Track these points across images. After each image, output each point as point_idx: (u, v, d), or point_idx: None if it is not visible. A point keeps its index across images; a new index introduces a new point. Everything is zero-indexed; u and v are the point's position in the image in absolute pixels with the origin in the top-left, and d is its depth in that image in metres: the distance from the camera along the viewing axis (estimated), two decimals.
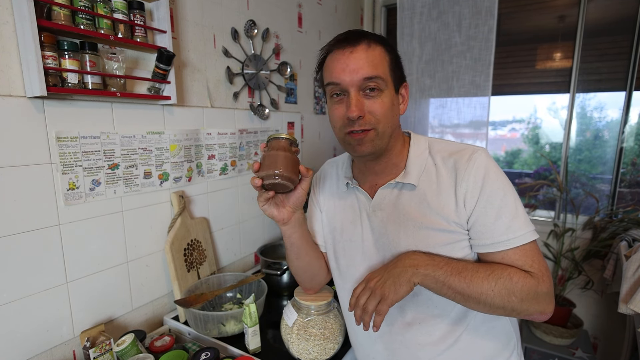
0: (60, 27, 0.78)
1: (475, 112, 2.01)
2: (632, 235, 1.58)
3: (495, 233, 0.65)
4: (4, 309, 0.78)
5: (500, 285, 0.62)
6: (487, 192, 0.65)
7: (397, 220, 0.71)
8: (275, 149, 0.67)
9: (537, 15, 1.94)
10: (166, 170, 1.10)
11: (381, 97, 0.67)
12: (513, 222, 0.64)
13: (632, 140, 1.83)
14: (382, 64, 0.66)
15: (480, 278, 0.62)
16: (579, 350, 1.75)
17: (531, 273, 0.63)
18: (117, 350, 0.83)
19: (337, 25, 2.05)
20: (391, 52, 0.69)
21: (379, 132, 0.68)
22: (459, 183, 0.67)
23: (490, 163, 0.67)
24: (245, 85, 1.40)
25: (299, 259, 0.83)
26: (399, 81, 0.71)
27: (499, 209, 0.64)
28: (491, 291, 0.62)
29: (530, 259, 0.64)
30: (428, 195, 0.69)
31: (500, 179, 0.66)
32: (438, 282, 0.63)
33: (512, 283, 0.62)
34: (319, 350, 0.86)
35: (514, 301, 0.62)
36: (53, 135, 0.83)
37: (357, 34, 0.68)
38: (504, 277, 0.62)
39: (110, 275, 0.99)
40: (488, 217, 0.65)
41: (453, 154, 0.70)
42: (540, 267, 0.64)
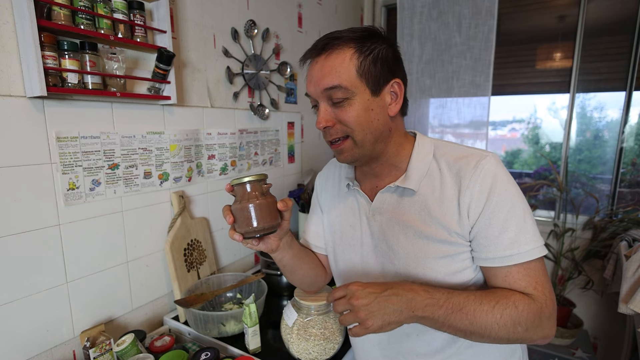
0: (60, 27, 0.78)
1: (475, 112, 2.01)
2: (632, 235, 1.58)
3: (499, 247, 0.61)
4: (4, 309, 0.78)
5: (506, 317, 0.58)
6: (494, 203, 0.61)
7: (396, 226, 0.68)
8: (246, 199, 0.60)
9: (537, 15, 1.94)
10: (166, 170, 1.10)
11: (350, 105, 0.63)
12: (519, 237, 0.60)
13: (632, 140, 1.83)
14: (346, 71, 0.61)
15: (485, 311, 0.58)
16: (579, 350, 1.75)
17: (533, 296, 0.60)
18: (117, 350, 0.83)
19: (337, 25, 2.05)
20: (365, 52, 0.62)
21: (356, 141, 0.65)
22: (463, 191, 0.62)
23: (500, 171, 0.62)
24: (245, 85, 1.40)
25: (293, 275, 0.81)
26: (380, 81, 0.63)
27: (505, 222, 0.60)
28: (496, 325, 0.58)
29: (535, 279, 0.60)
30: (429, 202, 0.65)
31: (510, 189, 0.61)
32: (437, 323, 0.59)
33: (518, 312, 0.58)
34: (319, 350, 0.86)
35: (520, 331, 0.58)
36: (53, 135, 0.83)
37: (324, 40, 0.64)
38: (509, 307, 0.58)
39: (110, 275, 0.99)
40: (492, 230, 0.61)
41: (459, 159, 0.65)
42: (544, 289, 0.60)
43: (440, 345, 0.70)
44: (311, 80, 0.65)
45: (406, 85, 0.69)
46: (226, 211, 0.62)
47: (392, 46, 0.66)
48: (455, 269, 0.65)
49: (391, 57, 0.64)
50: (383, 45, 0.64)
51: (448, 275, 0.65)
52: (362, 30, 0.64)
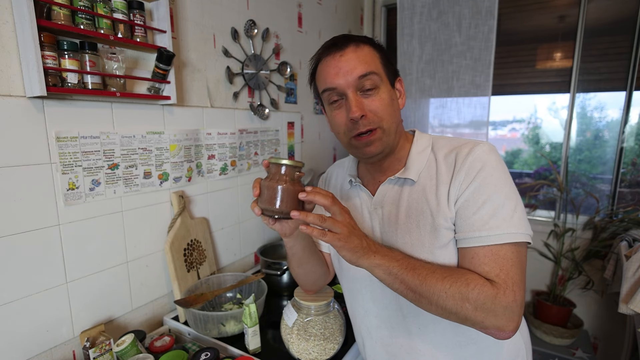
0: (60, 27, 0.78)
1: (476, 112, 2.01)
2: (632, 235, 1.58)
3: (471, 227, 0.61)
4: (4, 309, 0.78)
5: (455, 289, 0.57)
6: (475, 184, 0.62)
7: (397, 218, 0.70)
8: (276, 179, 0.62)
9: (537, 15, 1.94)
10: (166, 170, 1.10)
11: (379, 94, 0.67)
12: (493, 219, 0.59)
13: (632, 140, 1.83)
14: (373, 61, 0.67)
15: (435, 278, 0.59)
16: (579, 351, 1.75)
17: (494, 282, 0.58)
18: (117, 351, 0.83)
19: (337, 25, 2.05)
20: (379, 49, 0.70)
21: (385, 130, 0.67)
22: (454, 176, 0.64)
23: (491, 157, 0.63)
24: (245, 85, 1.40)
25: (300, 267, 0.82)
26: (392, 76, 0.71)
27: (482, 204, 0.60)
28: (444, 293, 0.58)
29: (499, 266, 0.58)
30: (427, 192, 0.67)
31: (497, 174, 0.62)
32: (391, 275, 0.60)
33: (468, 289, 0.57)
34: (319, 350, 0.86)
35: (468, 308, 0.57)
36: (53, 135, 0.83)
37: (344, 38, 0.68)
38: (460, 282, 0.58)
39: (110, 276, 0.99)
40: (468, 210, 0.61)
41: (455, 148, 0.68)
42: (508, 277, 0.58)
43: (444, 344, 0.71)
44: (338, 73, 0.66)
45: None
46: (256, 183, 0.64)
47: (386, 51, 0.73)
48: (452, 257, 0.65)
49: (392, 60, 0.72)
50: (385, 51, 0.72)
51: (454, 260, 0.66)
52: (362, 36, 0.71)
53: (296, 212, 0.56)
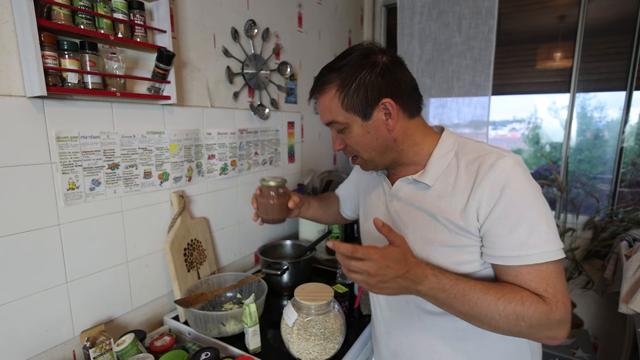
0: (60, 27, 0.78)
1: (476, 111, 2.01)
2: (632, 235, 1.58)
3: (508, 247, 0.61)
4: (4, 309, 0.78)
5: (510, 310, 0.59)
6: (504, 202, 0.61)
7: (409, 212, 0.73)
8: (265, 196, 0.88)
9: (537, 15, 1.94)
10: (166, 170, 1.10)
11: (349, 133, 0.72)
12: (530, 239, 0.60)
13: (633, 140, 1.83)
14: (333, 108, 0.71)
15: (488, 301, 0.60)
16: (579, 350, 1.75)
17: (544, 298, 0.60)
18: (117, 350, 0.83)
19: (337, 25, 2.05)
20: (347, 86, 0.68)
21: (364, 159, 0.76)
22: (474, 189, 0.64)
23: (516, 171, 0.63)
24: (245, 85, 1.40)
25: (315, 219, 1.08)
26: (367, 107, 0.69)
27: (516, 222, 0.61)
28: (497, 315, 0.59)
29: (546, 281, 0.60)
30: (441, 196, 0.68)
31: (524, 190, 0.62)
32: (438, 302, 0.63)
33: (524, 308, 0.58)
34: (319, 350, 0.86)
35: (522, 326, 0.59)
36: (53, 135, 0.83)
37: (316, 82, 0.73)
38: (515, 301, 0.59)
39: (110, 275, 0.99)
40: (503, 228, 0.61)
41: (478, 157, 0.67)
42: (557, 291, 0.60)
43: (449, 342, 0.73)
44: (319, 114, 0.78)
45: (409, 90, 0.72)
46: (253, 200, 0.92)
47: (379, 65, 0.68)
48: (459, 260, 0.67)
49: (375, 80, 0.67)
50: (367, 71, 0.67)
51: (451, 265, 0.67)
52: (350, 55, 0.69)
53: (330, 243, 0.61)
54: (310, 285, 0.95)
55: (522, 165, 0.65)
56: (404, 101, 0.71)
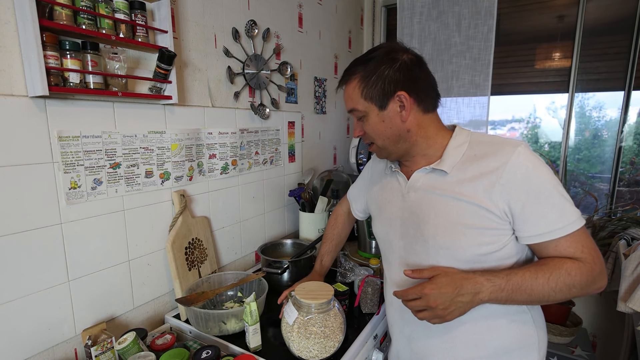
0: (62, 27, 0.78)
1: (475, 111, 2.02)
2: (630, 234, 1.59)
3: (551, 222, 0.68)
4: (6, 308, 0.79)
5: (561, 284, 0.66)
6: (535, 188, 0.68)
7: (429, 200, 0.78)
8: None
9: (536, 15, 1.94)
10: (167, 169, 1.11)
11: (367, 120, 0.80)
12: (564, 211, 0.68)
13: (631, 139, 1.84)
14: (355, 97, 0.79)
15: (541, 284, 0.67)
16: (578, 349, 1.76)
17: (582, 259, 0.68)
18: (119, 349, 0.84)
19: (338, 26, 2.06)
20: (366, 77, 0.76)
21: (379, 146, 0.82)
22: (501, 176, 0.69)
23: (532, 157, 0.70)
24: (246, 84, 1.41)
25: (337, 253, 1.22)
26: (384, 97, 0.76)
27: (550, 200, 0.68)
28: (553, 292, 0.67)
29: (581, 244, 0.68)
30: (462, 182, 0.74)
31: (545, 172, 0.69)
32: (500, 302, 0.70)
33: (572, 278, 0.66)
34: (319, 348, 0.87)
35: (575, 292, 0.67)
36: (55, 134, 0.83)
37: (343, 73, 0.82)
38: (563, 275, 0.66)
39: (112, 274, 0.99)
40: (542, 208, 0.68)
41: (493, 145, 0.73)
42: (590, 250, 0.68)
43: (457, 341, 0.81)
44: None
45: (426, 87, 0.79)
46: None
47: (398, 62, 0.75)
48: (482, 242, 0.72)
49: (393, 74, 0.75)
50: (387, 66, 0.75)
51: (475, 246, 0.73)
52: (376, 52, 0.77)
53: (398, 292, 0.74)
54: (310, 283, 0.95)
55: (531, 151, 0.72)
56: (419, 96, 0.77)
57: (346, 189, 1.84)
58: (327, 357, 0.89)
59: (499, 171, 0.70)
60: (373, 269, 1.23)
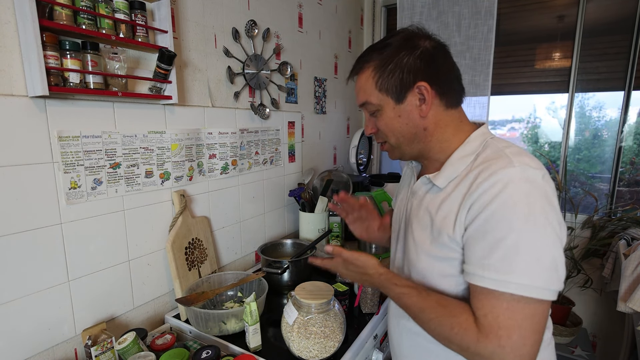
0: (62, 27, 0.78)
1: (475, 111, 2.02)
2: (630, 234, 1.59)
3: (473, 261, 0.57)
4: (6, 308, 0.79)
5: (439, 333, 0.60)
6: (488, 213, 0.55)
7: (417, 212, 0.71)
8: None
9: (536, 15, 1.94)
10: (167, 169, 1.11)
11: (380, 115, 0.70)
12: (497, 262, 0.53)
13: (631, 139, 1.84)
14: (368, 88, 0.69)
15: (421, 320, 0.63)
16: (578, 349, 1.76)
17: (480, 324, 0.54)
18: (119, 349, 0.84)
19: (338, 26, 2.06)
20: (383, 67, 0.66)
21: (392, 144, 0.73)
22: (467, 197, 0.59)
23: (519, 185, 0.54)
24: (246, 84, 1.41)
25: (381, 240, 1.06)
26: (401, 89, 0.66)
27: (490, 239, 0.55)
28: (431, 332, 0.62)
29: (490, 307, 0.53)
30: (444, 201, 0.65)
31: (517, 207, 0.53)
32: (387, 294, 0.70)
33: (452, 332, 0.57)
34: (319, 348, 0.87)
35: (453, 349, 0.58)
36: (55, 134, 0.83)
37: (356, 62, 0.72)
38: (444, 325, 0.59)
39: (112, 274, 0.99)
40: (475, 242, 0.57)
41: (485, 162, 0.61)
42: (495, 320, 0.52)
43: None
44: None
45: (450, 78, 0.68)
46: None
47: (419, 49, 0.65)
48: (441, 272, 0.66)
49: (413, 62, 0.65)
50: (406, 52, 0.65)
51: (434, 276, 0.67)
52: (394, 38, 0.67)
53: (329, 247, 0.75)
54: (310, 283, 0.95)
55: (533, 181, 0.55)
56: (442, 88, 0.66)
57: (346, 189, 1.84)
58: (327, 357, 0.89)
59: (469, 192, 0.59)
60: None
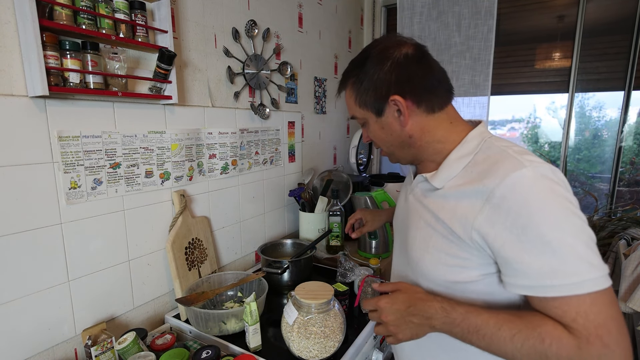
0: (62, 27, 0.78)
1: (475, 111, 2.02)
2: (630, 234, 1.59)
3: (531, 274, 0.53)
4: (6, 308, 0.79)
5: (528, 348, 0.52)
6: (522, 223, 0.52)
7: (417, 210, 0.71)
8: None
9: (536, 15, 1.94)
10: (167, 169, 1.11)
11: (367, 127, 0.74)
12: (565, 265, 0.51)
13: (631, 139, 1.84)
14: (351, 105, 0.73)
15: (503, 338, 0.54)
16: None
17: (573, 330, 0.50)
18: (119, 349, 0.84)
19: (338, 25, 2.06)
20: (359, 83, 0.69)
21: (386, 151, 0.77)
22: (483, 207, 0.57)
23: (536, 186, 0.53)
24: (246, 84, 1.41)
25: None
26: (377, 104, 0.68)
27: (540, 246, 0.52)
28: (518, 353, 0.53)
29: (576, 311, 0.50)
30: (447, 199, 0.64)
31: (550, 209, 0.52)
32: (457, 337, 0.60)
33: (544, 346, 0.51)
34: (319, 348, 0.87)
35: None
36: (55, 134, 0.83)
37: (342, 75, 0.75)
38: (532, 339, 0.52)
39: (112, 274, 0.99)
40: (526, 253, 0.53)
41: (492, 164, 0.59)
42: (588, 322, 0.49)
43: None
44: None
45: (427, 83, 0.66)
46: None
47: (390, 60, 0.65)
48: (447, 269, 0.64)
49: (384, 76, 0.65)
50: (378, 67, 0.66)
51: (443, 271, 0.65)
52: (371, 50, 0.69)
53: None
54: (310, 283, 0.95)
55: (550, 176, 0.54)
56: (417, 96, 0.66)
57: (346, 189, 1.84)
58: (327, 357, 0.89)
59: (486, 198, 0.56)
60: (373, 269, 1.23)
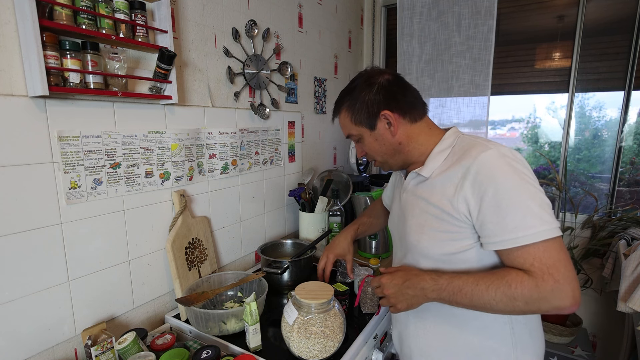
0: (62, 27, 0.78)
1: (475, 111, 2.02)
2: (630, 234, 1.59)
3: (504, 230, 0.67)
4: (6, 308, 0.79)
5: (501, 294, 0.66)
6: (493, 191, 0.67)
7: (412, 202, 0.84)
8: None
9: (536, 15, 1.94)
10: (167, 169, 1.11)
11: (363, 142, 0.88)
12: (525, 220, 0.65)
13: (631, 139, 1.84)
14: (347, 124, 0.88)
15: (481, 291, 0.68)
16: (578, 349, 1.76)
17: (530, 272, 0.64)
18: (119, 349, 0.84)
19: (338, 25, 2.06)
20: (353, 105, 0.84)
21: (380, 161, 0.90)
22: (462, 183, 0.72)
23: (499, 162, 0.69)
24: (246, 84, 1.41)
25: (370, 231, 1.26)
26: (370, 120, 0.83)
27: (508, 206, 0.66)
28: (493, 301, 0.67)
29: (532, 257, 0.65)
30: (436, 186, 0.77)
31: (508, 177, 0.67)
32: (445, 301, 0.74)
33: (511, 290, 0.65)
34: (319, 348, 0.87)
35: (520, 305, 0.65)
36: (55, 134, 0.83)
37: (335, 103, 0.90)
38: (502, 285, 0.66)
39: (112, 274, 0.99)
40: (497, 214, 0.67)
41: (466, 150, 0.75)
42: (542, 264, 0.64)
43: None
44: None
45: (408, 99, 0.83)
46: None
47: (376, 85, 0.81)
48: (443, 244, 0.77)
49: (374, 97, 0.81)
50: (367, 91, 0.82)
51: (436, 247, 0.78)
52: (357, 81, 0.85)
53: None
54: (310, 283, 0.95)
55: (509, 155, 0.70)
56: (402, 109, 0.82)
57: (346, 189, 1.84)
58: (327, 357, 0.89)
59: (463, 175, 0.71)
60: (373, 269, 1.23)
